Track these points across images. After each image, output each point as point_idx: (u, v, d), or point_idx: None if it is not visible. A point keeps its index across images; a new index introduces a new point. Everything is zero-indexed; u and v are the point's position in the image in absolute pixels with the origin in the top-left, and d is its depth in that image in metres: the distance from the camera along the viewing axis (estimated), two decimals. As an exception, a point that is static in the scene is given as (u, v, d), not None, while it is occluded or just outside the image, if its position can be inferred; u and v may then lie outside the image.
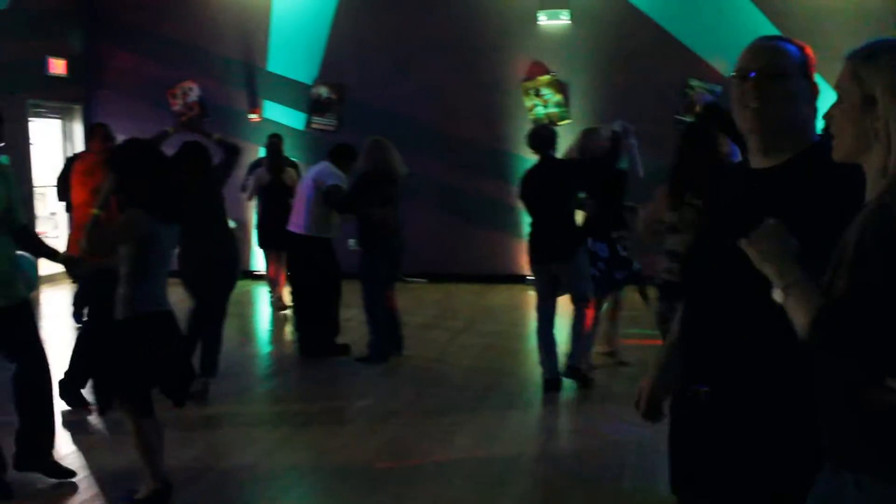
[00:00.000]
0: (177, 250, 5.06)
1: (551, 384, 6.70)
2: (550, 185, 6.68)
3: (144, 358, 4.45)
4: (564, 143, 7.58)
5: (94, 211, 4.53)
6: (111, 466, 5.15)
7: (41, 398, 4.92)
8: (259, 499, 4.95)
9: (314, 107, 12.71)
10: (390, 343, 7.90)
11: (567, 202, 6.80)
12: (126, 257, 4.46)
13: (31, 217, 11.14)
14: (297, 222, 7.98)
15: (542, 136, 6.81)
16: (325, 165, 8.08)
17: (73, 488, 4.86)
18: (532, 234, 6.88)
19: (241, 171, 9.78)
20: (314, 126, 12.68)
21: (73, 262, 5.09)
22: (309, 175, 8.19)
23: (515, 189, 7.14)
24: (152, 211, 4.43)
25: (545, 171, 6.73)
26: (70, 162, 9.81)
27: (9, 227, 4.81)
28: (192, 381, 4.87)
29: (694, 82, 11.59)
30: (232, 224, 7.41)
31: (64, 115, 13.29)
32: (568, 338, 7.00)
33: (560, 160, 6.96)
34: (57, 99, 12.95)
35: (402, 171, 7.91)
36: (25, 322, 4.91)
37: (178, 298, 5.47)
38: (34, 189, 12.48)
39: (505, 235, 12.12)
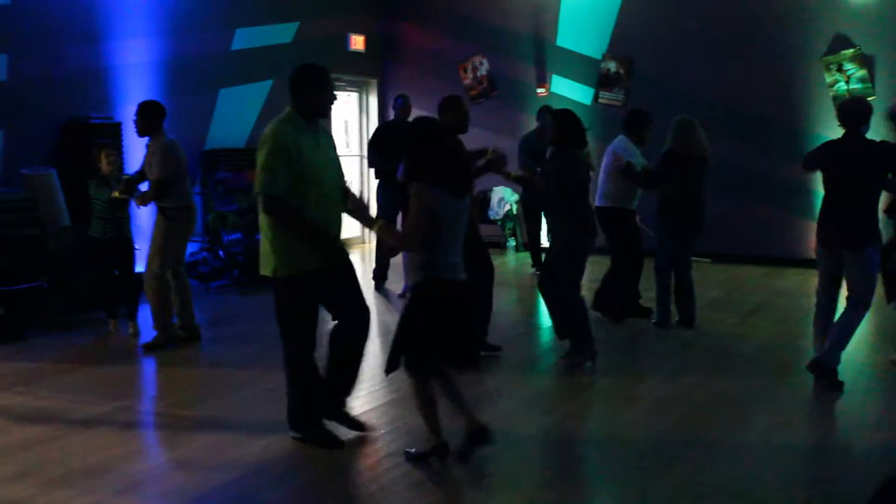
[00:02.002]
0: None
1: (816, 367, 6.33)
2: (853, 164, 6.15)
3: (430, 322, 4.67)
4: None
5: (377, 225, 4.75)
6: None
7: (356, 354, 5.20)
8: (552, 465, 5.09)
9: (602, 81, 12.71)
10: (680, 315, 8.20)
11: (868, 186, 6.20)
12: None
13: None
14: (598, 194, 8.28)
15: (853, 110, 6.26)
16: (620, 140, 8.32)
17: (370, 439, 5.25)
18: (822, 214, 6.38)
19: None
20: (601, 101, 12.68)
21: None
22: (609, 149, 8.31)
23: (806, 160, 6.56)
24: (440, 185, 4.60)
25: (849, 148, 6.22)
26: (380, 131, 10.42)
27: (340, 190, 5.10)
28: (475, 353, 5.03)
29: None
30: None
31: (361, 88, 14.07)
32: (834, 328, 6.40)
33: (869, 139, 6.28)
34: (355, 73, 13.71)
35: (703, 153, 7.91)
36: (351, 281, 5.18)
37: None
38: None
39: (796, 217, 11.63)
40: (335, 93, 5.14)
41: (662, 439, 5.29)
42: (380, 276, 10.34)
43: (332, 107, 5.16)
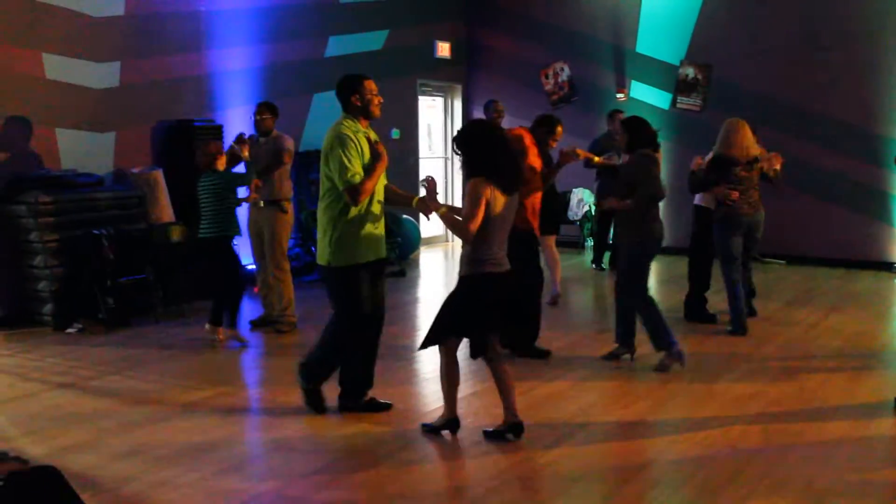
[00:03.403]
0: None
1: None
2: None
3: (476, 310, 5.16)
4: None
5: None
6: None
7: (375, 345, 5.95)
8: (627, 460, 5.45)
9: (680, 87, 12.97)
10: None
11: None
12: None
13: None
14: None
15: None
16: None
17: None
18: None
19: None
20: (679, 106, 12.93)
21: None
22: None
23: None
24: (493, 181, 5.06)
25: None
26: None
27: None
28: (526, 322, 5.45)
29: None
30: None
31: (446, 93, 14.54)
32: None
33: None
34: (441, 78, 14.19)
35: (746, 154, 7.90)
36: (382, 277, 5.90)
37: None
38: (419, 159, 13.82)
39: (871, 220, 11.74)
40: (378, 96, 5.76)
41: (738, 437, 5.52)
42: None
43: (379, 109, 5.77)
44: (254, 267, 8.69)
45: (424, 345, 5.38)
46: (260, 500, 4.57)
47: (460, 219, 5.17)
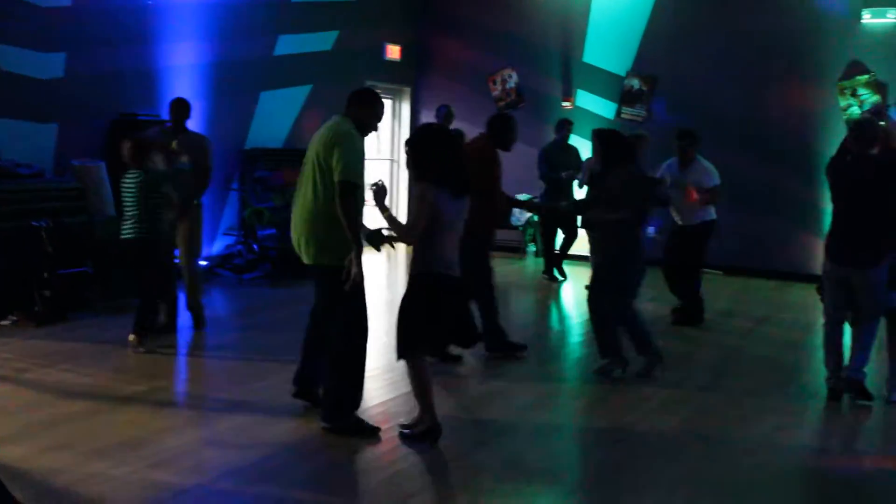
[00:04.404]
0: None
1: (833, 393, 6.57)
2: (859, 182, 6.26)
3: (426, 310, 5.20)
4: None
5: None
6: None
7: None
8: (559, 458, 5.56)
9: (625, 97, 13.18)
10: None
11: (872, 204, 6.22)
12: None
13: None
14: None
15: (859, 130, 6.39)
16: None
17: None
18: (830, 231, 6.51)
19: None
20: (623, 116, 13.14)
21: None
22: None
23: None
24: (441, 185, 5.13)
25: (857, 166, 6.35)
26: None
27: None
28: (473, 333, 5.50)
29: None
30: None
31: (395, 96, 14.61)
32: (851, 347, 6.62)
33: (875, 159, 6.34)
34: (390, 81, 14.26)
35: None
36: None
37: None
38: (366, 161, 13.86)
39: (805, 233, 12.04)
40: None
41: (666, 437, 5.72)
42: None
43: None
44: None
45: (399, 355, 5.39)
46: (191, 494, 4.60)
47: (403, 223, 5.23)
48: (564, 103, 13.49)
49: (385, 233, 5.56)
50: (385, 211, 5.26)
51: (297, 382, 5.89)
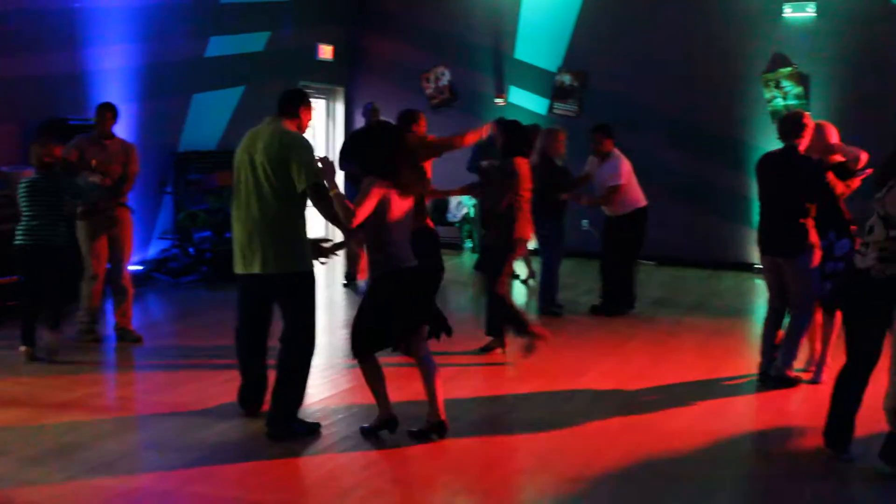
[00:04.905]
0: None
1: (763, 377, 6.82)
2: (784, 176, 6.50)
3: (374, 310, 5.28)
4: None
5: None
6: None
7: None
8: (497, 449, 5.69)
9: (557, 93, 13.36)
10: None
11: (796, 197, 6.46)
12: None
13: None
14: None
15: (787, 125, 6.61)
16: None
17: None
18: (760, 224, 6.77)
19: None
20: (556, 111, 13.32)
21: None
22: None
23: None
24: (390, 183, 5.20)
25: (781, 161, 6.57)
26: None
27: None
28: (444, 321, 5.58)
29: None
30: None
31: (328, 96, 14.62)
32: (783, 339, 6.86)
33: (801, 155, 6.53)
34: (323, 81, 14.27)
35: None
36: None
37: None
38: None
39: (735, 224, 12.32)
40: None
41: (598, 425, 5.86)
42: (353, 274, 10.67)
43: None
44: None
45: (355, 354, 5.45)
46: (130, 497, 4.62)
47: (351, 205, 5.20)
48: (498, 100, 13.62)
49: (325, 244, 5.66)
50: (333, 188, 5.27)
51: (246, 403, 5.83)
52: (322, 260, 5.77)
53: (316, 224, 5.98)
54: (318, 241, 5.71)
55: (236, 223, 5.50)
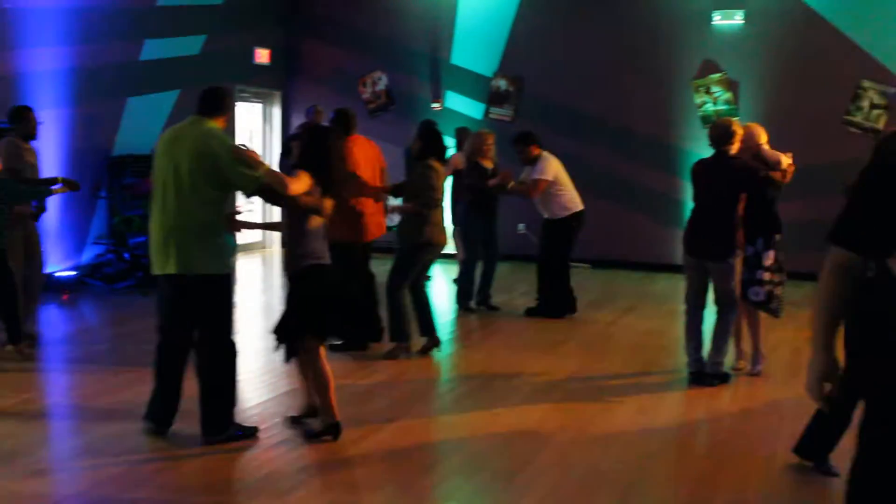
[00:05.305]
0: None
1: (693, 376, 7.00)
2: (717, 180, 6.71)
3: (320, 302, 5.39)
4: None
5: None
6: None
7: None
8: (433, 452, 5.77)
9: (493, 98, 13.52)
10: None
11: (727, 202, 6.66)
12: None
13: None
14: None
15: (717, 132, 6.79)
16: None
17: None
18: (689, 226, 6.96)
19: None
20: (492, 116, 13.48)
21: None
22: None
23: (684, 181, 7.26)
24: (316, 180, 5.33)
25: (714, 166, 6.79)
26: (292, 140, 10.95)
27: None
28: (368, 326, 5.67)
29: (866, 83, 11.75)
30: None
31: (265, 100, 14.59)
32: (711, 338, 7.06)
33: (735, 159, 6.76)
34: (260, 85, 14.24)
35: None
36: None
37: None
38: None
39: (667, 226, 12.57)
40: None
41: (534, 425, 5.97)
42: None
43: None
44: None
45: (288, 355, 5.52)
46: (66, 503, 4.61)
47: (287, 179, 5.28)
48: (434, 104, 13.73)
49: (239, 217, 5.75)
50: (263, 164, 5.38)
51: (156, 416, 5.59)
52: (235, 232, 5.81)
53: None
54: (231, 214, 5.72)
55: (154, 224, 5.43)
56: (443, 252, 7.85)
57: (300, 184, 5.27)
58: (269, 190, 5.32)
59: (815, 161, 10.53)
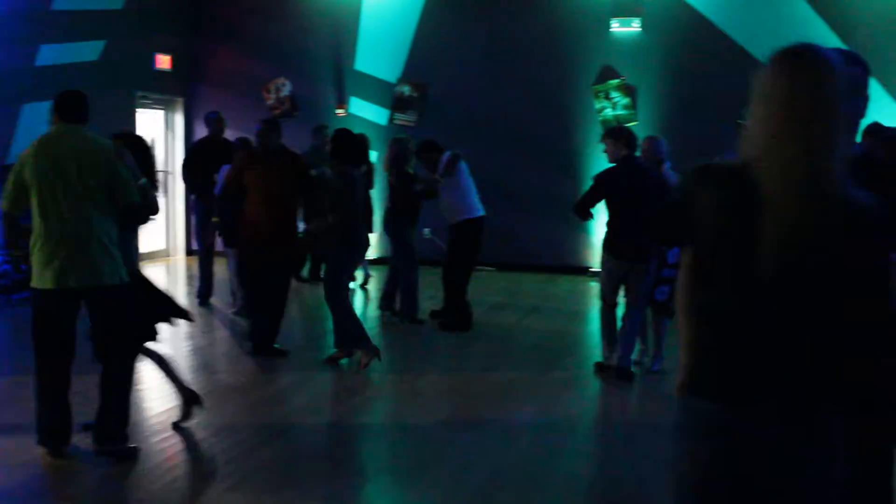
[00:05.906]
0: None
1: (601, 371, 7.34)
2: (637, 186, 6.97)
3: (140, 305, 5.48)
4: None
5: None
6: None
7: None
8: (342, 453, 5.82)
9: (397, 104, 13.60)
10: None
11: (646, 205, 6.69)
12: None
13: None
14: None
15: (632, 137, 7.20)
16: None
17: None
18: (613, 230, 7.15)
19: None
20: (396, 122, 13.55)
21: None
22: None
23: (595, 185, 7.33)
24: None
25: (629, 171, 7.08)
26: (198, 147, 10.85)
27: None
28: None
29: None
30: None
31: (167, 106, 14.38)
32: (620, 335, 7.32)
33: (643, 163, 7.22)
34: (162, 91, 14.05)
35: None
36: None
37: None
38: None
39: (569, 229, 12.77)
40: None
41: (439, 425, 6.07)
42: (206, 292, 10.36)
43: None
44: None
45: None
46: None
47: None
48: (338, 111, 13.74)
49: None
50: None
51: (51, 435, 5.36)
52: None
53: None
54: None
55: (42, 236, 5.20)
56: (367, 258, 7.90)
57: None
58: (138, 210, 5.36)
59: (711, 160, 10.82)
